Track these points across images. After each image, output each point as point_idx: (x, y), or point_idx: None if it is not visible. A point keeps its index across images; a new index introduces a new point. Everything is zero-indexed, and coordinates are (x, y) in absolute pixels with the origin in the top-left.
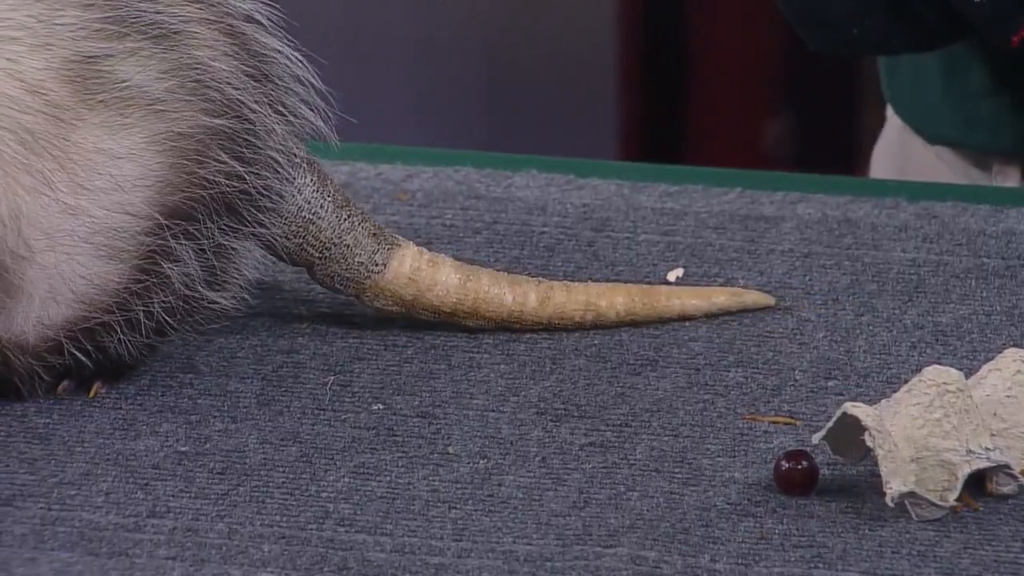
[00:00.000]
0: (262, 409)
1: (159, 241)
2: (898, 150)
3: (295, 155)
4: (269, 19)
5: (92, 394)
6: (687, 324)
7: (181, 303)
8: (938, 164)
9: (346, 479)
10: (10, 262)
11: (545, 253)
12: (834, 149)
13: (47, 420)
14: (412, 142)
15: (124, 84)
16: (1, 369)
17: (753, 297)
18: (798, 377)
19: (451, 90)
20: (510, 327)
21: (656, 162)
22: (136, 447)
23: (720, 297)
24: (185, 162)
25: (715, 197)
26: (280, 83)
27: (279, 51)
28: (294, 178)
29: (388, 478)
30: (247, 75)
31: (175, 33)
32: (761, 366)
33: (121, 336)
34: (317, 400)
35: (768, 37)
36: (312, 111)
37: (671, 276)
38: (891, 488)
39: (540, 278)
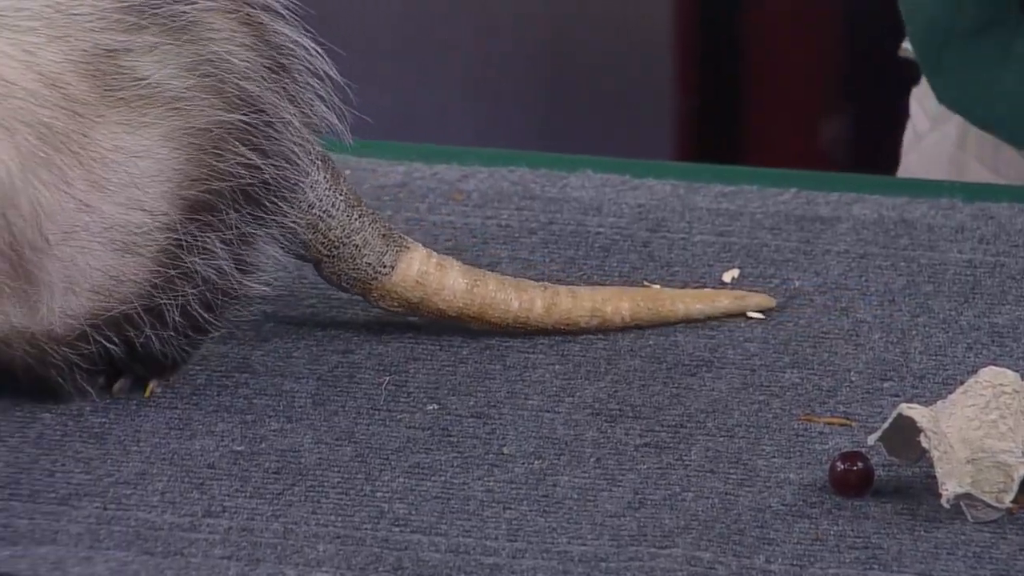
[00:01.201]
0: (317, 409)
1: (180, 235)
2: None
3: (314, 149)
4: (287, 9)
5: (148, 393)
6: (743, 324)
7: (212, 295)
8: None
9: (401, 479)
10: (30, 254)
11: (600, 254)
12: (890, 150)
13: (103, 419)
14: (467, 142)
15: (144, 82)
16: (38, 366)
17: (756, 300)
18: (854, 378)
19: (506, 90)
20: (515, 332)
21: (711, 162)
22: (192, 446)
23: (723, 300)
24: (202, 156)
25: (771, 198)
26: (297, 76)
27: (297, 43)
28: (308, 174)
29: (443, 478)
30: (265, 67)
31: (192, 24)
32: (817, 367)
33: (151, 330)
34: (372, 400)
35: (825, 36)
36: (327, 107)
37: (726, 277)
38: (947, 489)
39: (546, 283)
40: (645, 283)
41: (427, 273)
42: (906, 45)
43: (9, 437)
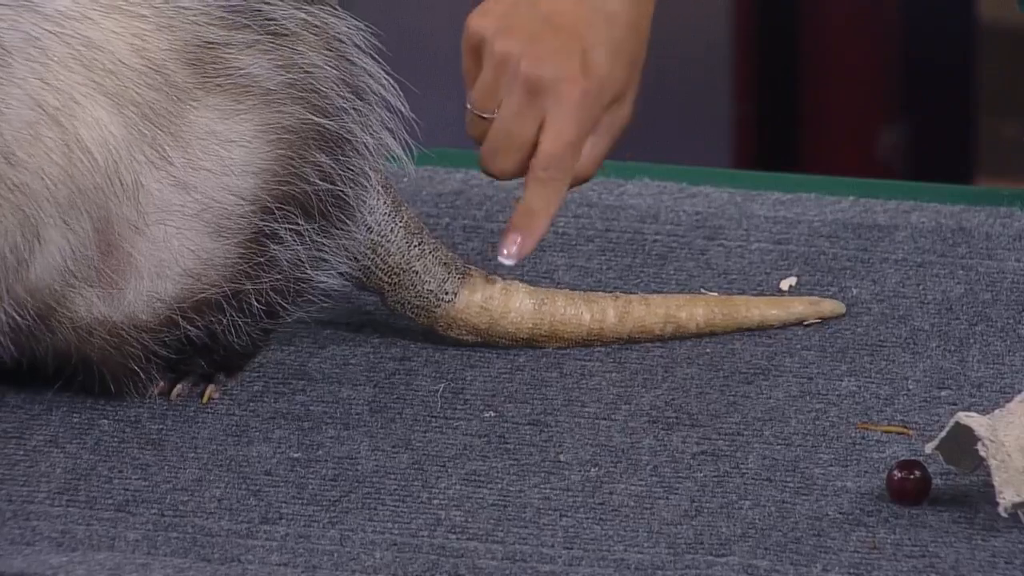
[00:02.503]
0: (374, 416)
1: (266, 224)
2: None
3: (367, 180)
4: (365, 40)
5: (205, 400)
6: (800, 333)
7: (289, 284)
8: None
9: (457, 486)
10: (125, 231)
11: (657, 261)
12: (949, 157)
13: (160, 426)
14: None
15: (241, 72)
16: (116, 356)
17: (830, 306)
18: (911, 387)
19: None
20: (591, 345)
21: (769, 170)
22: (249, 453)
23: (798, 306)
24: (290, 155)
25: (828, 205)
26: (371, 103)
27: (372, 73)
28: (367, 199)
29: (499, 486)
30: (348, 87)
31: (289, 34)
32: (874, 375)
33: (231, 318)
34: (429, 407)
35: (883, 44)
36: (394, 138)
37: (784, 285)
38: (1004, 498)
39: (617, 292)
40: (702, 291)
41: (491, 298)
42: None
43: (67, 443)
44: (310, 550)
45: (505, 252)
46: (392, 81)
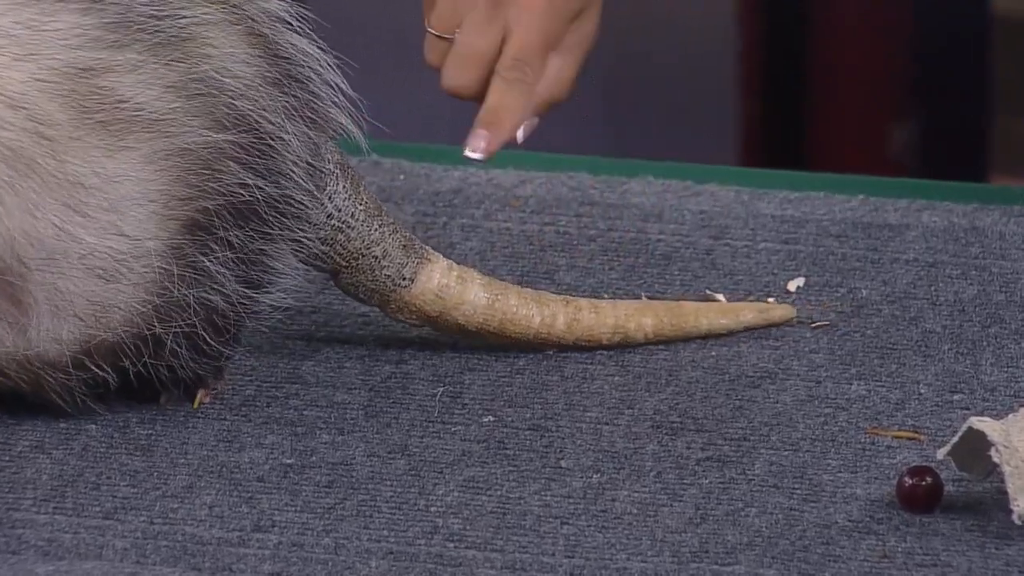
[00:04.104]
0: (370, 421)
1: (171, 261)
2: None
3: (321, 164)
4: (298, 19)
5: (196, 405)
6: (808, 335)
7: (221, 319)
8: None
9: (455, 493)
10: (12, 277)
11: (661, 262)
12: (961, 155)
13: (149, 431)
14: (525, 146)
15: (125, 104)
16: (35, 391)
17: (780, 312)
18: (923, 390)
19: None
20: (536, 348)
21: (776, 168)
22: (240, 459)
23: (747, 314)
24: (189, 176)
25: (837, 204)
26: (308, 86)
27: (307, 53)
28: (325, 185)
29: (499, 492)
30: (269, 82)
31: (185, 40)
32: (884, 379)
33: (150, 359)
34: (426, 412)
35: (893, 38)
36: (344, 115)
37: (791, 286)
38: (1018, 505)
39: (568, 297)
40: (707, 292)
41: (447, 286)
42: None
43: (53, 449)
44: (304, 559)
45: (470, 147)
46: (330, 59)
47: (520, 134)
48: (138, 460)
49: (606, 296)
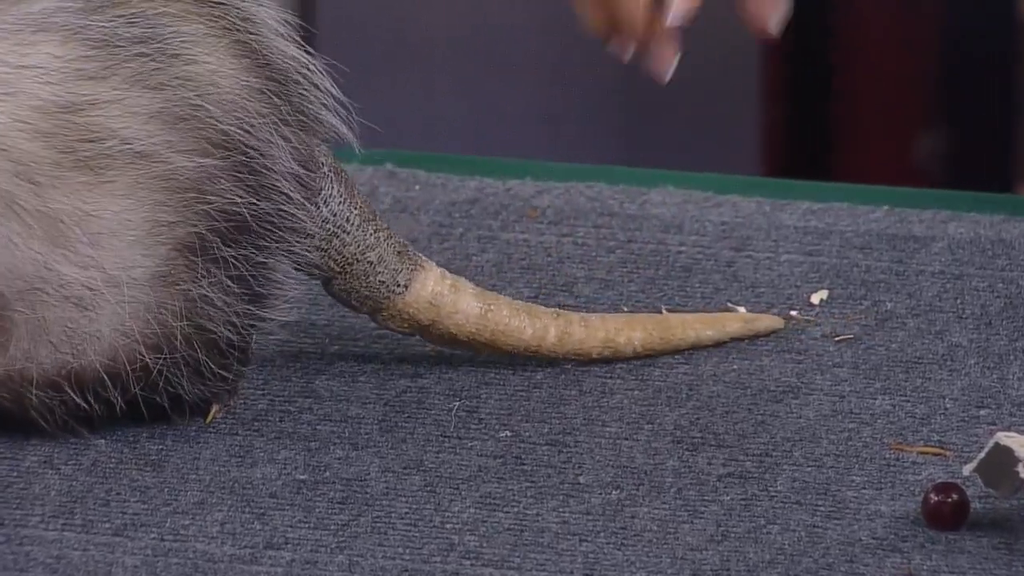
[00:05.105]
0: (384, 436)
1: (161, 289)
2: None
3: (314, 168)
4: (283, 24)
5: (208, 420)
6: (831, 349)
7: (222, 340)
8: None
9: (472, 510)
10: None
11: (682, 274)
12: (988, 165)
13: (160, 446)
14: (542, 156)
15: (108, 140)
16: (18, 409)
17: (765, 323)
18: (948, 405)
19: (583, 101)
20: (524, 360)
21: (799, 178)
22: (253, 475)
23: (733, 325)
24: (175, 200)
25: (861, 215)
26: (297, 90)
27: (294, 58)
28: (320, 189)
29: (516, 509)
30: (256, 92)
31: (169, 59)
32: (910, 393)
33: (139, 389)
34: (442, 427)
35: (918, 47)
36: (335, 117)
37: (815, 299)
38: None
39: (558, 310)
40: (728, 305)
41: (441, 294)
42: None
43: (62, 464)
44: None
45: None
46: (317, 63)
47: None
48: (148, 476)
49: (625, 309)
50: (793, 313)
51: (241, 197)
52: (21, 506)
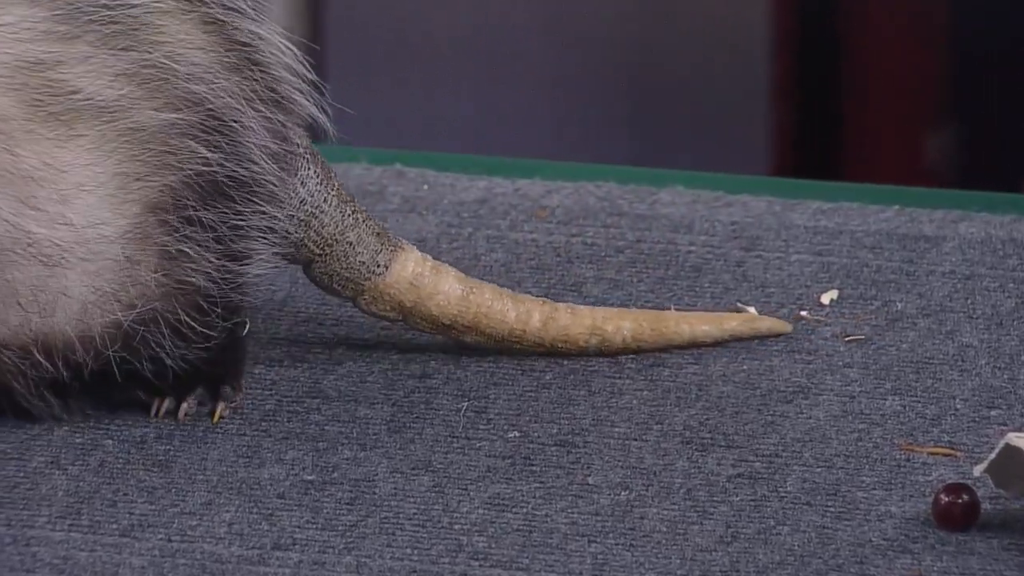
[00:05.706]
0: (393, 436)
1: (134, 246)
2: None
3: (291, 148)
4: (252, 6)
5: (215, 419)
6: (841, 349)
7: (202, 297)
8: None
9: (480, 510)
10: None
11: (691, 274)
12: (999, 164)
13: (167, 447)
14: (551, 156)
15: (76, 94)
16: None
17: (768, 324)
18: (959, 406)
19: (592, 101)
20: (510, 347)
21: (810, 178)
22: (260, 475)
23: (732, 323)
24: (144, 154)
25: (872, 215)
26: (269, 70)
27: (265, 39)
28: (297, 170)
29: (525, 510)
30: (227, 67)
31: (136, 29)
32: (920, 394)
33: (116, 350)
34: (450, 427)
35: (930, 45)
36: (308, 100)
37: (825, 299)
38: None
39: (544, 298)
40: (738, 304)
41: (422, 275)
42: None
43: (69, 465)
44: None
45: None
46: (290, 44)
47: None
48: (156, 476)
49: (633, 308)
50: (803, 313)
51: (213, 157)
52: (28, 507)
